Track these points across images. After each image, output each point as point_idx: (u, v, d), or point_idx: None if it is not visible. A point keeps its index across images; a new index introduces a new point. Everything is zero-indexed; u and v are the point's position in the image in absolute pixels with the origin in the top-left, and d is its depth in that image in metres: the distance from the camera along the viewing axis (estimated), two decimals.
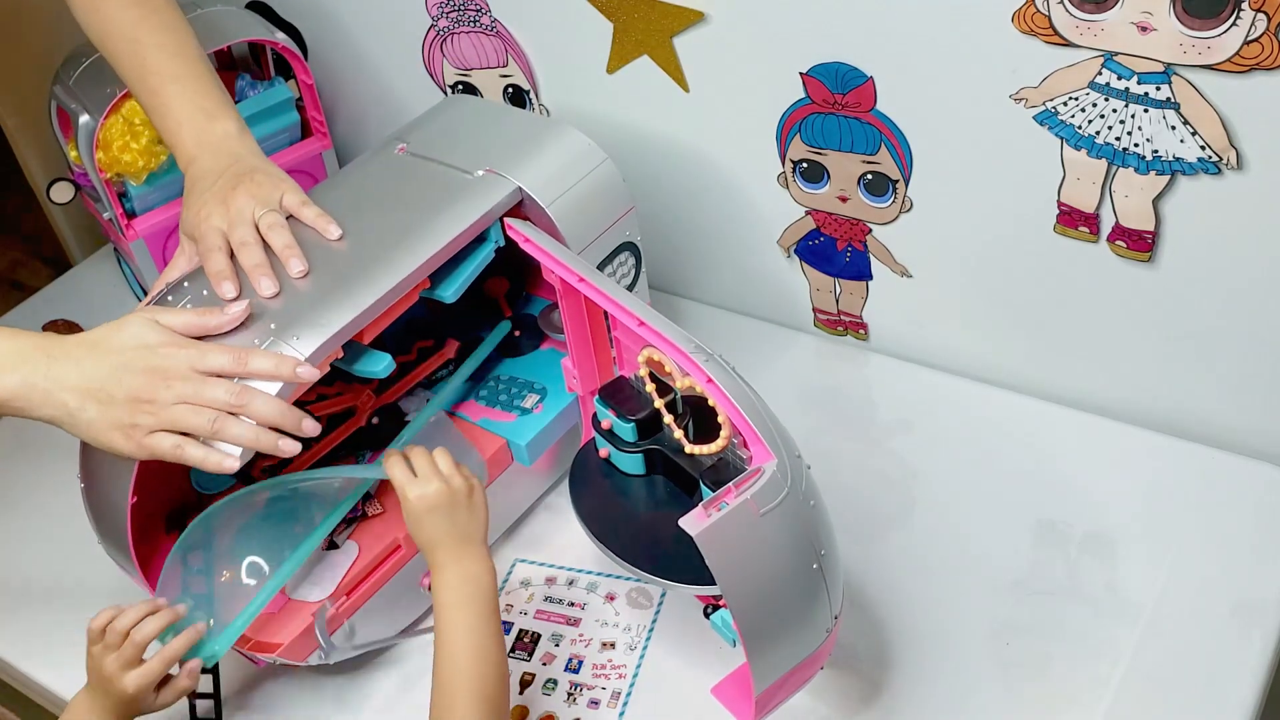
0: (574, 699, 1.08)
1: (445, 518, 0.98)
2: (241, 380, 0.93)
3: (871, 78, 1.17)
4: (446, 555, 0.97)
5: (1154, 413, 1.25)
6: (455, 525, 0.98)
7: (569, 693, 1.08)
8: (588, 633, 1.13)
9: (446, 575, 0.96)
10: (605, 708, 1.07)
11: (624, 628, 1.13)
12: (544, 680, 1.09)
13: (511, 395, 1.24)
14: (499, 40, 1.40)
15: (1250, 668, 1.03)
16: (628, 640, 1.12)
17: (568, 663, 1.11)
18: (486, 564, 0.97)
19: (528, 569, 1.20)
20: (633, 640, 1.12)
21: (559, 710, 1.07)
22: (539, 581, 1.19)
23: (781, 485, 0.84)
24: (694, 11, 1.23)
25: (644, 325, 0.96)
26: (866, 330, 1.40)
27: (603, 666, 1.10)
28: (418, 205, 1.11)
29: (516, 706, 1.05)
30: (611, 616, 1.14)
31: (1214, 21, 0.98)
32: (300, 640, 1.06)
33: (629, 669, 1.10)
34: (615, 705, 1.07)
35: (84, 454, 1.04)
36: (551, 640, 1.13)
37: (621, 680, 1.09)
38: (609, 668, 1.10)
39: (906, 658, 1.08)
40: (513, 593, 1.18)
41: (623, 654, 1.11)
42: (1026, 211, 1.18)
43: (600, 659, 1.11)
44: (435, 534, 0.98)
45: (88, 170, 1.36)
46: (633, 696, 1.08)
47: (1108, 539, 1.16)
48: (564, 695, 1.08)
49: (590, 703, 1.07)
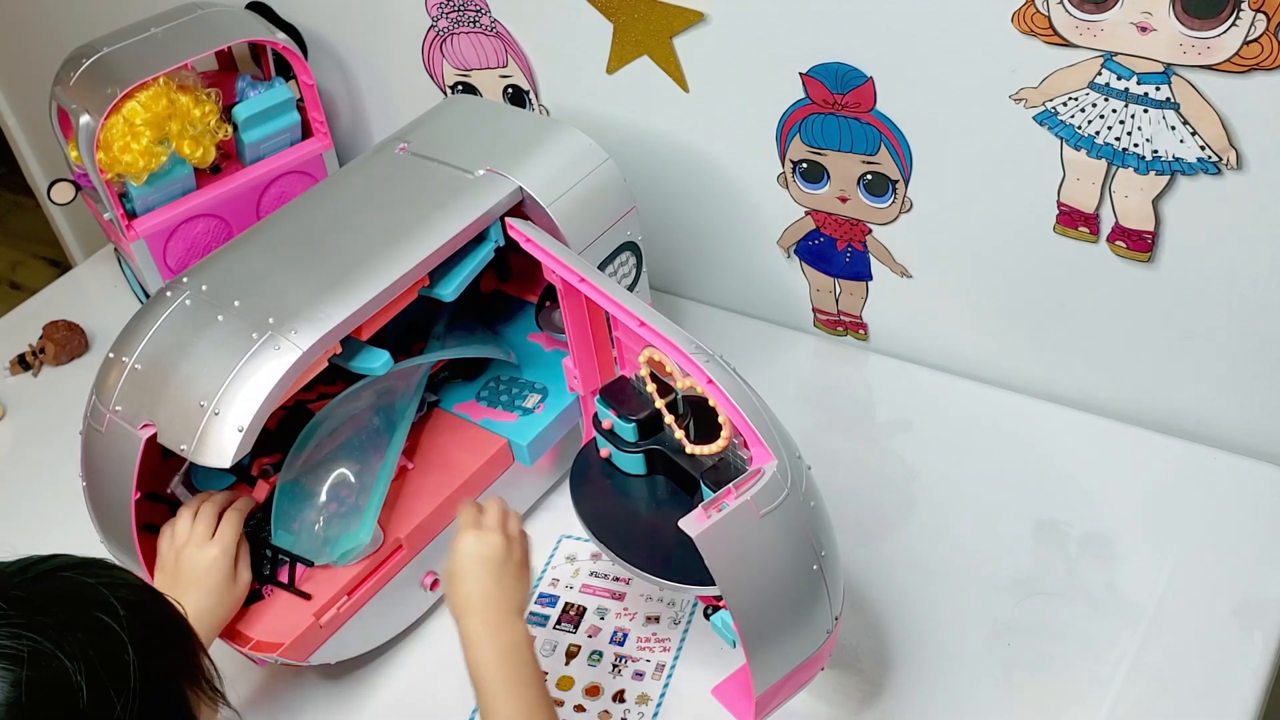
0: (619, 670, 1.09)
1: (492, 576, 0.95)
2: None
3: (871, 78, 1.17)
4: (483, 623, 0.92)
5: (1154, 413, 1.25)
6: (500, 587, 0.95)
7: (614, 664, 1.09)
8: (632, 607, 1.14)
9: (485, 649, 0.91)
10: (650, 679, 1.08)
11: (668, 603, 1.14)
12: (589, 652, 1.10)
13: (513, 395, 1.24)
14: (499, 40, 1.40)
15: (1252, 668, 1.03)
16: (671, 614, 1.13)
17: (612, 635, 1.12)
18: (526, 634, 0.94)
19: (574, 545, 1.21)
20: (676, 614, 1.13)
21: (604, 681, 1.08)
22: (584, 557, 1.19)
23: (782, 486, 0.84)
24: (694, 11, 1.23)
25: (645, 325, 0.96)
26: (866, 330, 1.40)
27: (647, 640, 1.11)
28: (418, 204, 1.11)
29: (562, 676, 1.05)
30: (655, 592, 1.15)
31: (1214, 21, 0.98)
32: (301, 640, 1.06)
33: (674, 642, 1.11)
34: (659, 677, 1.08)
35: (85, 453, 1.04)
36: (597, 614, 1.14)
37: (666, 653, 1.10)
38: (653, 640, 1.11)
39: (907, 658, 1.08)
40: (558, 567, 1.18)
41: (666, 628, 1.12)
42: (1026, 212, 1.18)
43: (644, 632, 1.12)
44: (476, 591, 0.94)
45: (88, 170, 1.36)
46: (676, 669, 1.08)
47: (1108, 539, 1.16)
48: (609, 667, 1.09)
49: (635, 674, 1.08)
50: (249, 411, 0.96)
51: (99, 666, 0.64)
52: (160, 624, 0.71)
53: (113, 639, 0.66)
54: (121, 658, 0.66)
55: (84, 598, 0.68)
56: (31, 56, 1.91)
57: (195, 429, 0.97)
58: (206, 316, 1.02)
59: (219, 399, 0.97)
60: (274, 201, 1.47)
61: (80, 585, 0.69)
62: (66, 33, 1.33)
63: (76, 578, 0.69)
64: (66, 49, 1.41)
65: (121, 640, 0.66)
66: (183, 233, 1.42)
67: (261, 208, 1.47)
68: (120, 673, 0.65)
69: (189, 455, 0.97)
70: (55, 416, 1.42)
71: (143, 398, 1.00)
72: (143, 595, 0.71)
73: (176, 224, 1.42)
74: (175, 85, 1.36)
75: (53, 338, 1.53)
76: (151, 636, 0.69)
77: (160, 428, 0.99)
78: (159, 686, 0.68)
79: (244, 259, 1.09)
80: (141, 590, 0.72)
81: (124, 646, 0.66)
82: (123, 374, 1.02)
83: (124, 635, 0.66)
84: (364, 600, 1.10)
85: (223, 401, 0.97)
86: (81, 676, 0.63)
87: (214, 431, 0.96)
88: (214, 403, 0.97)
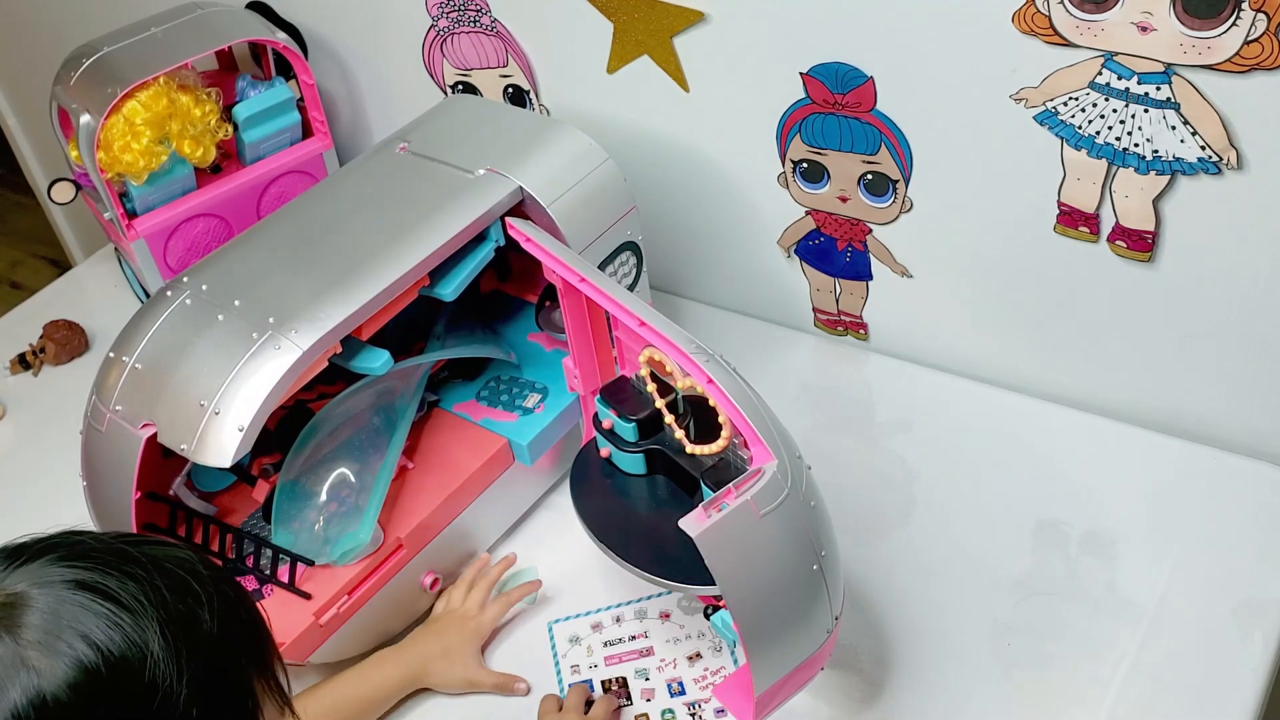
0: (697, 716, 1.05)
1: None
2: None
3: (871, 78, 1.17)
4: None
5: (1154, 413, 1.25)
6: None
7: (691, 714, 1.05)
8: (667, 655, 1.10)
9: None
10: (730, 714, 1.02)
11: (698, 634, 1.11)
12: (659, 712, 1.06)
13: (513, 395, 1.24)
14: (499, 40, 1.40)
15: (1252, 668, 1.03)
16: (710, 643, 1.10)
17: (669, 689, 1.08)
18: None
19: (567, 626, 1.14)
20: (715, 641, 1.10)
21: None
22: (586, 632, 1.14)
23: (782, 486, 0.84)
24: (694, 11, 1.23)
25: (645, 325, 0.96)
26: (866, 330, 1.40)
27: (702, 677, 1.08)
28: (418, 204, 1.11)
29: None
30: (677, 631, 1.12)
31: (1214, 21, 0.98)
32: (301, 639, 1.06)
33: (727, 666, 1.08)
34: None
35: (85, 453, 1.04)
36: (639, 676, 1.09)
37: None
38: (709, 675, 1.08)
39: (907, 658, 1.08)
40: (568, 655, 1.12)
41: (711, 657, 1.09)
42: (1027, 212, 1.18)
43: (695, 672, 1.08)
44: None
45: (88, 170, 1.36)
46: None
47: (1108, 539, 1.16)
48: (687, 717, 1.05)
49: (717, 711, 1.05)
50: (249, 411, 0.96)
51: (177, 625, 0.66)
52: (240, 609, 0.73)
53: (196, 603, 0.68)
54: (199, 624, 0.68)
55: (178, 559, 0.70)
56: (31, 56, 1.91)
57: (195, 429, 0.97)
58: (207, 316, 1.02)
59: (219, 399, 0.97)
60: (274, 201, 1.47)
61: (177, 554, 0.72)
62: (66, 33, 1.33)
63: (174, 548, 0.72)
64: (66, 49, 1.41)
65: (202, 603, 0.68)
66: (183, 232, 1.42)
67: (261, 208, 1.47)
68: (194, 637, 0.67)
69: (189, 455, 0.97)
70: (55, 416, 1.42)
71: (143, 397, 1.00)
72: (229, 579, 0.74)
73: (176, 224, 1.42)
74: (175, 85, 1.36)
75: (53, 337, 1.53)
76: (230, 616, 0.70)
77: (160, 427, 0.99)
78: (228, 665, 0.69)
79: (244, 259, 1.09)
80: (228, 576, 0.74)
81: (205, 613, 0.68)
82: (123, 374, 1.02)
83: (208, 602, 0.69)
84: (364, 600, 1.10)
85: (223, 401, 0.97)
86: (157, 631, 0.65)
87: (214, 431, 0.96)
88: (214, 402, 0.97)
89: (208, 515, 1.14)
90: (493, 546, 1.23)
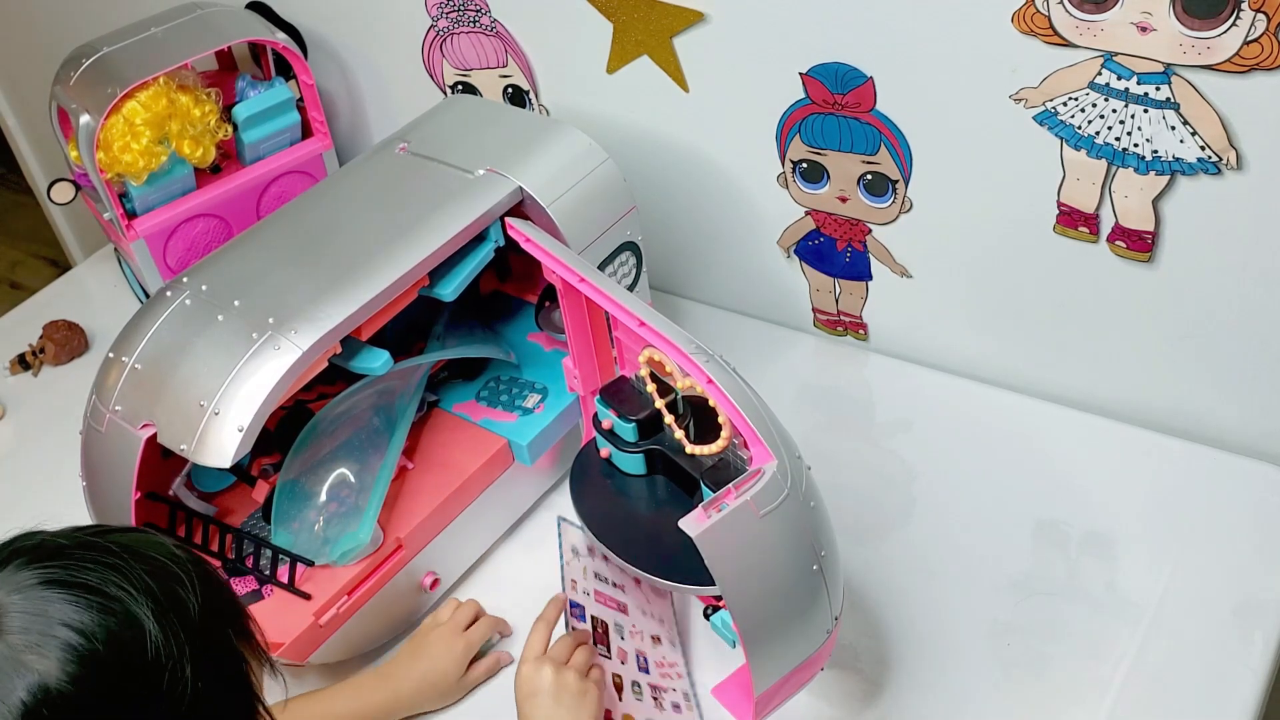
0: (659, 703, 1.05)
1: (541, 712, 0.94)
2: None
3: (871, 78, 1.17)
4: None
5: (1154, 413, 1.25)
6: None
7: (654, 697, 1.05)
8: (637, 623, 1.09)
9: None
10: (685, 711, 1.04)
11: (659, 619, 1.11)
12: (630, 683, 1.05)
13: (513, 395, 1.24)
14: (499, 40, 1.40)
15: (1252, 668, 1.03)
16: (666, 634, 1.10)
17: (638, 661, 1.07)
18: None
19: (573, 533, 1.11)
20: (670, 635, 1.10)
21: (655, 716, 1.04)
22: (584, 551, 1.11)
23: (781, 486, 0.84)
24: (694, 11, 1.23)
25: (645, 325, 0.96)
26: (866, 330, 1.40)
27: (661, 664, 1.08)
28: (418, 204, 1.11)
29: (625, 715, 1.02)
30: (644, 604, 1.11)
31: (1214, 21, 0.98)
32: (301, 640, 1.06)
33: (680, 665, 1.08)
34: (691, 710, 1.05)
35: (85, 453, 1.04)
36: (617, 632, 1.08)
37: (681, 680, 1.07)
38: (666, 665, 1.08)
39: (907, 658, 1.08)
40: (570, 564, 1.09)
41: (667, 649, 1.09)
42: (1026, 212, 1.18)
43: (656, 655, 1.08)
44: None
45: (88, 170, 1.36)
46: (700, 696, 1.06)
47: (1108, 539, 1.16)
48: (651, 700, 1.04)
49: (673, 706, 1.04)
50: (249, 411, 0.96)
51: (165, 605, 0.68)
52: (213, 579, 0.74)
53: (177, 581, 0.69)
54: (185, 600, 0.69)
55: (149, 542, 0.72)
56: (31, 56, 1.91)
57: (195, 429, 0.97)
58: (206, 316, 1.02)
59: (219, 399, 0.97)
60: (274, 201, 1.47)
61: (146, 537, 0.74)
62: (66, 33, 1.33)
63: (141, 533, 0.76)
64: (66, 49, 1.41)
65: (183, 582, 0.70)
66: (183, 233, 1.42)
67: (261, 208, 1.47)
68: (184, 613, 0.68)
69: (189, 455, 0.97)
70: (55, 416, 1.42)
71: (143, 398, 1.00)
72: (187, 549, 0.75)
73: (176, 224, 1.42)
74: (175, 85, 1.36)
75: (53, 338, 1.53)
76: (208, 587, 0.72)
77: (160, 428, 0.99)
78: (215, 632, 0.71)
79: (244, 259, 1.09)
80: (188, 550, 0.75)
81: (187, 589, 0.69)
82: (123, 374, 1.02)
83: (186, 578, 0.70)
84: (364, 600, 1.10)
85: (223, 401, 0.97)
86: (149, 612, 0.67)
87: (214, 431, 0.96)
88: (214, 402, 0.97)
89: (207, 515, 1.15)
90: (493, 547, 1.23)
